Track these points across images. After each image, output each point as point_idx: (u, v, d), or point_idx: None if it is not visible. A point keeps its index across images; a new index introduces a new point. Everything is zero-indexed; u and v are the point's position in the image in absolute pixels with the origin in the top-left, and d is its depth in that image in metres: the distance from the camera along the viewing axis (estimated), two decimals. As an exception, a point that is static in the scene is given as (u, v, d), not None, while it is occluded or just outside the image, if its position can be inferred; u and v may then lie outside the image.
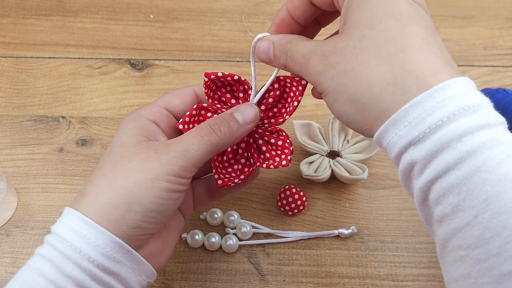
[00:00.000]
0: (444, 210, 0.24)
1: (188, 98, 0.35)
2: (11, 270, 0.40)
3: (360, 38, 0.25)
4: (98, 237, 0.27)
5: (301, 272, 0.41)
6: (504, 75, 0.52)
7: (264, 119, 0.35)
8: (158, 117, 0.33)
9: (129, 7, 0.57)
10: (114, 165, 0.29)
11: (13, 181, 0.45)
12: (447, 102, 0.23)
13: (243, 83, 0.34)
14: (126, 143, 0.31)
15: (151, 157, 0.29)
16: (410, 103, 0.24)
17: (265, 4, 0.57)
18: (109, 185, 0.29)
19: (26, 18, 0.56)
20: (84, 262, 0.27)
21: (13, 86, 0.51)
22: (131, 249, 0.29)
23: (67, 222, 0.28)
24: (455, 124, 0.23)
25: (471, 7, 0.58)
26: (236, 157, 0.36)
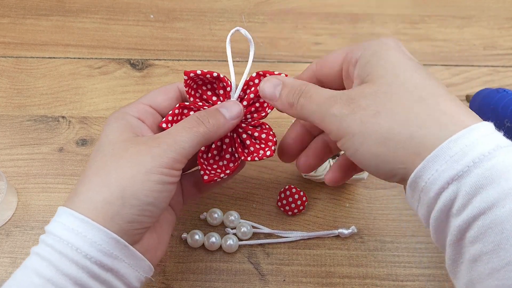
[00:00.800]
0: (483, 249, 0.23)
1: (171, 95, 0.35)
2: (11, 270, 0.40)
3: (389, 84, 0.27)
4: (94, 233, 0.27)
5: (301, 272, 0.41)
6: (504, 75, 0.52)
7: (247, 114, 0.36)
8: (143, 114, 0.33)
9: (129, 7, 0.57)
10: (105, 163, 0.30)
11: (13, 181, 0.45)
12: (485, 139, 0.24)
13: (222, 80, 0.35)
14: (114, 140, 0.31)
15: (142, 151, 0.29)
16: (450, 139, 0.24)
17: (265, 4, 0.57)
18: (102, 183, 0.29)
19: (26, 18, 0.56)
20: (82, 260, 0.27)
21: (13, 86, 0.51)
22: (128, 245, 0.29)
23: (62, 221, 0.28)
24: (496, 160, 0.23)
25: (471, 7, 0.58)
26: (220, 153, 0.36)
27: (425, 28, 0.56)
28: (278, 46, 0.54)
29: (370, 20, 0.56)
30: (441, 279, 0.40)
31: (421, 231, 0.43)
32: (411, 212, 0.44)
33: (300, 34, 0.55)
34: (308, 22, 0.56)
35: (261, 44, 0.54)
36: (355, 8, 0.57)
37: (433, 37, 0.55)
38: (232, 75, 0.35)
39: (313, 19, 0.56)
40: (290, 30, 0.55)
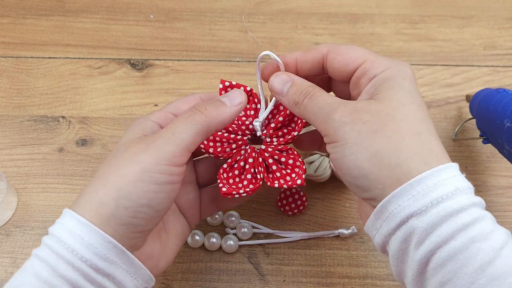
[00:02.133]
0: (442, 279, 0.26)
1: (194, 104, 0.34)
2: (11, 270, 0.40)
3: (394, 109, 0.29)
4: (91, 236, 0.27)
5: (301, 272, 0.41)
6: (504, 75, 0.52)
7: (273, 137, 0.35)
8: (164, 120, 0.33)
9: (129, 7, 0.57)
10: (108, 164, 0.29)
11: (13, 181, 0.45)
12: (447, 182, 0.27)
13: (254, 96, 0.35)
14: (123, 142, 0.31)
15: (140, 149, 0.29)
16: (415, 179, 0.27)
17: (265, 4, 0.57)
18: (101, 183, 0.28)
19: (26, 18, 0.56)
20: (77, 262, 0.27)
21: (13, 86, 0.51)
22: (125, 250, 0.28)
23: (63, 222, 0.28)
24: (452, 201, 0.26)
25: (471, 7, 0.58)
26: (242, 174, 0.35)
27: (425, 28, 0.56)
28: (278, 46, 0.54)
29: (370, 20, 0.56)
30: (441, 279, 0.40)
31: (421, 231, 0.43)
32: (411, 212, 0.44)
33: (300, 34, 0.55)
34: (308, 22, 0.56)
35: (261, 44, 0.54)
36: (354, 8, 0.57)
37: (433, 37, 0.55)
38: (261, 95, 0.35)
39: (313, 19, 0.56)
40: (290, 30, 0.55)
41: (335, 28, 0.56)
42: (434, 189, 0.26)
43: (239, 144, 0.35)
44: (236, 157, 0.35)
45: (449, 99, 0.50)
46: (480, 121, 0.43)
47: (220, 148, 0.35)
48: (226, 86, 0.35)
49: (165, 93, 0.50)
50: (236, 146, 0.35)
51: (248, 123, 0.36)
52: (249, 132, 0.36)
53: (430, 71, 0.53)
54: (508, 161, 0.39)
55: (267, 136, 0.35)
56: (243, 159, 0.35)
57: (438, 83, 0.52)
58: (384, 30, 0.56)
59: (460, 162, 0.46)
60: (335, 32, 0.55)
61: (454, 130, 0.48)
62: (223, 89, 0.35)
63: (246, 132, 0.36)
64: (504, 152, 0.39)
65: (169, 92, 0.51)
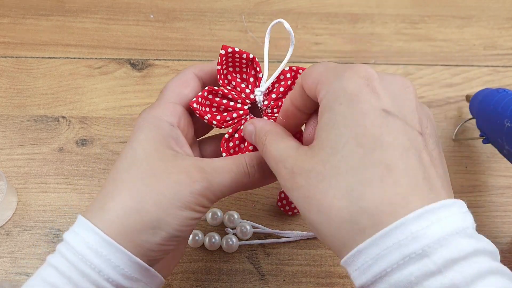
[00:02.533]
0: None
1: (193, 84, 0.33)
2: (11, 270, 0.40)
3: (324, 163, 0.24)
4: (118, 256, 0.27)
5: (301, 272, 0.41)
6: (504, 75, 0.52)
7: (274, 108, 0.35)
8: (177, 118, 0.32)
9: (129, 7, 0.57)
10: (142, 183, 0.28)
11: (13, 181, 0.45)
12: (393, 250, 0.21)
13: (256, 64, 0.34)
14: (152, 156, 0.29)
15: (182, 182, 0.28)
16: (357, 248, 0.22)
17: (265, 4, 0.57)
18: (135, 207, 0.27)
19: (26, 18, 0.56)
20: (102, 282, 0.26)
21: (13, 86, 0.51)
22: (149, 268, 0.28)
23: (85, 237, 0.27)
24: (400, 274, 0.21)
25: (471, 7, 0.58)
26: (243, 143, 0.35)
27: (425, 28, 0.56)
28: (278, 46, 0.54)
29: (370, 20, 0.56)
30: (441, 279, 0.40)
31: (421, 231, 0.43)
32: (411, 212, 0.44)
33: (300, 34, 0.55)
34: (308, 22, 0.56)
35: (261, 44, 0.54)
36: (355, 8, 0.57)
37: (433, 37, 0.55)
38: (266, 63, 0.34)
39: (313, 19, 0.56)
40: (290, 30, 0.55)
41: (335, 28, 0.56)
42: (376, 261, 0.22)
43: (239, 113, 0.35)
44: (236, 126, 0.35)
45: (449, 99, 0.50)
46: (480, 121, 0.43)
47: (219, 116, 0.34)
48: (228, 53, 0.34)
49: (165, 93, 0.50)
50: (237, 115, 0.35)
51: (249, 91, 0.35)
52: (249, 101, 0.35)
53: (430, 71, 0.53)
54: (508, 161, 0.39)
55: (268, 107, 0.35)
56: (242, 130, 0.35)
57: (438, 83, 0.52)
58: (384, 30, 0.56)
59: (460, 162, 0.47)
60: (335, 32, 0.55)
61: (454, 130, 0.48)
62: (225, 56, 0.34)
63: (246, 101, 0.35)
64: (504, 152, 0.39)
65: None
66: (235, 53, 0.34)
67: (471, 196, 0.45)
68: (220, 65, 0.34)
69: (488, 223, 0.43)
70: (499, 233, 0.43)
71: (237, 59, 0.35)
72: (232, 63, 0.35)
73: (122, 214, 0.27)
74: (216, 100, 0.34)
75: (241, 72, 0.35)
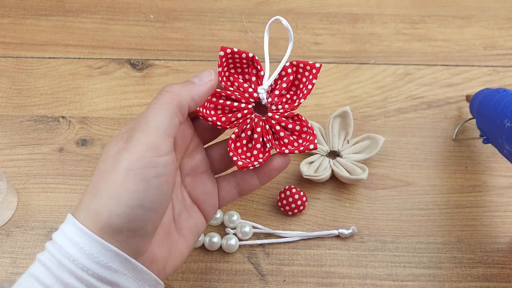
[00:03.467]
0: None
1: None
2: (11, 270, 0.40)
3: None
4: (92, 245, 0.26)
5: (301, 272, 0.41)
6: (504, 75, 0.52)
7: (278, 104, 0.35)
8: None
9: (129, 7, 0.57)
10: (99, 169, 0.28)
11: (13, 181, 0.45)
12: None
13: (256, 62, 0.34)
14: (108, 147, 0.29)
15: (121, 147, 0.27)
16: None
17: (265, 4, 0.57)
18: (93, 191, 0.27)
19: (26, 18, 0.56)
20: (79, 271, 0.26)
21: (13, 86, 0.51)
22: (128, 257, 0.27)
23: (65, 229, 0.27)
24: None
25: (471, 7, 0.58)
26: (249, 144, 0.35)
27: (425, 28, 0.56)
28: (278, 46, 0.54)
29: (370, 20, 0.56)
30: (441, 279, 0.40)
31: (421, 231, 0.43)
32: (411, 212, 0.44)
33: (300, 34, 0.55)
34: (308, 22, 0.56)
35: (261, 44, 0.54)
36: (355, 8, 0.57)
37: (433, 37, 0.55)
38: (267, 61, 0.34)
39: (313, 19, 0.56)
40: (290, 30, 0.55)
41: (335, 28, 0.56)
42: None
43: (244, 113, 0.35)
44: (242, 126, 0.35)
45: (449, 99, 0.50)
46: (480, 121, 0.43)
47: (225, 118, 0.34)
48: (227, 53, 0.34)
49: (165, 93, 0.50)
50: (242, 115, 0.35)
51: (252, 90, 0.35)
52: (253, 100, 0.35)
53: (430, 71, 0.53)
54: (508, 161, 0.39)
55: (272, 104, 0.35)
56: (249, 128, 0.35)
57: (438, 83, 0.52)
58: (384, 30, 0.56)
59: (460, 162, 0.47)
60: (335, 32, 0.55)
61: (454, 130, 0.48)
62: (225, 57, 0.34)
63: (250, 100, 0.35)
64: (505, 152, 0.39)
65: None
66: (234, 54, 0.34)
67: (472, 196, 0.45)
68: (221, 67, 0.34)
69: (489, 223, 0.43)
70: (499, 233, 0.43)
71: (237, 59, 0.35)
72: (233, 64, 0.35)
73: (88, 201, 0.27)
74: (220, 102, 0.34)
75: (243, 73, 0.35)
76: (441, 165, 0.46)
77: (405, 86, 0.51)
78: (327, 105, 0.50)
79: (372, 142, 0.45)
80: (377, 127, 0.48)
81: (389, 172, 0.46)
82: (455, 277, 0.40)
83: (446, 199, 0.44)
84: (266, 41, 0.35)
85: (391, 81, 0.52)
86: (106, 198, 0.26)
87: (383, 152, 0.47)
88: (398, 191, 0.45)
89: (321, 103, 0.50)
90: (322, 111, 0.49)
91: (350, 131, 0.46)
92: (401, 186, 0.45)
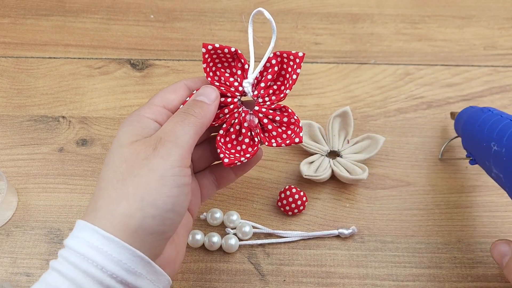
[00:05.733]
0: None
1: (181, 92, 0.34)
2: (11, 270, 0.40)
3: None
4: (119, 251, 0.27)
5: (301, 272, 0.41)
6: (505, 75, 0.52)
7: (265, 97, 0.35)
8: (159, 116, 0.33)
9: (129, 7, 0.57)
10: (121, 173, 0.29)
11: (13, 181, 0.45)
12: None
13: (239, 56, 0.34)
14: (124, 144, 0.30)
15: (150, 155, 0.29)
16: None
17: (265, 4, 0.57)
18: (120, 195, 0.28)
19: (26, 18, 0.56)
20: (106, 279, 0.26)
21: (13, 86, 0.51)
22: (151, 261, 0.28)
23: (85, 237, 0.27)
24: None
25: (471, 7, 0.58)
26: (239, 138, 0.35)
27: (425, 28, 0.56)
28: (278, 46, 0.54)
29: (370, 20, 0.56)
30: (441, 279, 0.40)
31: (421, 231, 0.43)
32: (411, 212, 0.44)
33: (300, 34, 0.55)
34: (308, 22, 0.56)
35: (261, 44, 0.54)
36: (355, 8, 0.57)
37: (433, 37, 0.55)
38: (252, 54, 0.34)
39: (313, 19, 0.56)
40: (290, 30, 0.55)
41: (335, 28, 0.56)
42: None
43: (230, 108, 0.35)
44: (230, 120, 0.35)
45: (449, 99, 0.50)
46: (466, 142, 0.42)
47: None
48: (209, 50, 0.34)
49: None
50: (229, 110, 0.35)
51: (237, 84, 0.35)
52: (239, 94, 0.35)
53: (431, 71, 0.53)
54: (496, 183, 0.38)
55: (259, 96, 0.35)
56: (238, 123, 0.35)
57: (438, 83, 0.52)
58: (384, 30, 0.56)
59: (461, 162, 0.47)
60: (335, 32, 0.55)
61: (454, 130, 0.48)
62: (207, 53, 0.34)
63: (236, 94, 0.35)
64: (493, 175, 0.37)
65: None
66: (217, 49, 0.34)
67: (472, 196, 0.45)
68: (205, 63, 0.34)
69: (489, 223, 0.43)
70: (500, 233, 0.43)
71: (221, 54, 0.35)
72: (218, 59, 0.35)
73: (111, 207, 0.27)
74: None
75: (229, 67, 0.35)
76: (441, 165, 0.46)
77: (405, 86, 0.51)
78: (327, 105, 0.50)
79: (372, 142, 0.45)
80: (377, 127, 0.48)
81: (389, 172, 0.46)
82: (455, 277, 0.40)
83: (446, 199, 0.44)
84: (250, 33, 0.35)
85: (391, 81, 0.52)
86: (139, 201, 0.27)
87: (383, 152, 0.47)
88: (398, 191, 0.45)
89: (321, 103, 0.50)
90: (322, 111, 0.49)
91: (350, 131, 0.46)
92: (401, 186, 0.45)
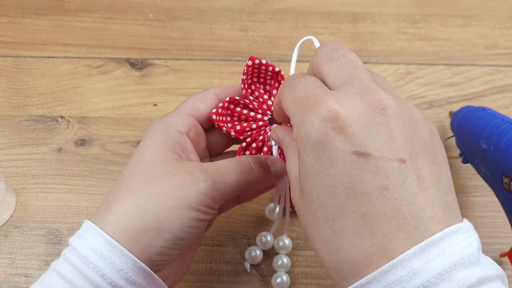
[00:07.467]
0: None
1: (211, 101, 0.34)
2: (10, 271, 0.40)
3: (306, 208, 0.24)
4: (122, 260, 0.26)
5: (301, 273, 0.40)
6: (506, 75, 0.52)
7: None
8: (187, 127, 0.32)
9: (128, 6, 0.56)
10: (146, 185, 0.28)
11: (12, 181, 0.45)
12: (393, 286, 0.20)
13: (281, 77, 0.35)
14: (156, 160, 0.29)
15: (187, 183, 0.28)
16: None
17: (265, 3, 0.57)
18: (139, 208, 0.27)
19: (25, 17, 0.55)
20: (105, 286, 0.26)
21: (11, 86, 0.50)
22: (153, 274, 0.28)
23: (89, 240, 0.27)
24: None
25: (473, 7, 0.57)
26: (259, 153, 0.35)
27: (426, 28, 0.56)
28: (278, 45, 0.53)
29: (371, 19, 0.56)
30: (442, 280, 0.40)
31: (422, 231, 0.42)
32: (412, 213, 0.43)
33: (301, 33, 0.55)
34: (309, 21, 0.56)
35: (261, 43, 0.54)
36: (355, 7, 0.57)
37: (434, 37, 0.55)
38: None
39: (314, 18, 0.56)
40: (290, 29, 0.55)
41: (335, 27, 0.55)
42: None
43: (259, 124, 0.35)
44: (255, 137, 0.35)
45: (450, 99, 0.50)
46: (459, 140, 0.41)
47: (239, 126, 0.35)
48: (255, 64, 0.34)
49: (164, 93, 0.50)
50: (257, 126, 0.35)
51: (271, 103, 0.35)
52: (270, 112, 0.35)
53: (431, 71, 0.52)
54: (485, 182, 0.37)
55: None
56: (262, 140, 0.35)
57: (439, 83, 0.51)
58: (385, 29, 0.55)
59: (461, 161, 0.46)
60: (335, 32, 0.55)
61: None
62: (251, 67, 0.34)
63: (267, 112, 0.35)
64: (481, 174, 0.37)
65: (168, 91, 0.50)
66: (261, 65, 0.34)
67: (473, 196, 0.44)
68: (246, 75, 0.34)
69: (490, 224, 0.43)
70: (501, 233, 0.42)
71: (263, 70, 0.35)
72: (257, 73, 0.35)
73: (125, 216, 0.27)
74: (237, 110, 0.35)
75: (265, 83, 0.36)
76: (442, 165, 0.46)
77: (406, 85, 0.51)
78: (327, 105, 0.50)
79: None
80: (378, 127, 0.48)
81: (390, 172, 0.46)
82: (456, 278, 0.40)
83: (447, 199, 0.44)
84: (294, 57, 0.35)
85: (392, 80, 0.52)
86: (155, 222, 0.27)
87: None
88: (399, 192, 0.45)
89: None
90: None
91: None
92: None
